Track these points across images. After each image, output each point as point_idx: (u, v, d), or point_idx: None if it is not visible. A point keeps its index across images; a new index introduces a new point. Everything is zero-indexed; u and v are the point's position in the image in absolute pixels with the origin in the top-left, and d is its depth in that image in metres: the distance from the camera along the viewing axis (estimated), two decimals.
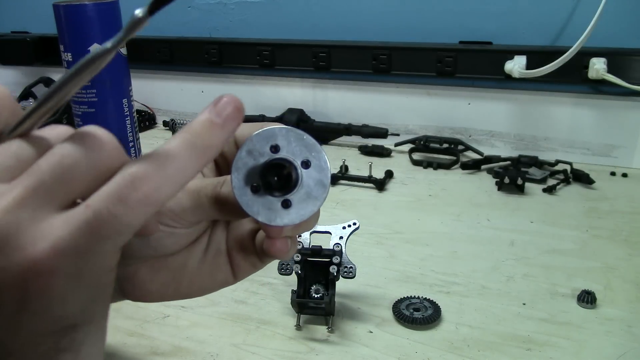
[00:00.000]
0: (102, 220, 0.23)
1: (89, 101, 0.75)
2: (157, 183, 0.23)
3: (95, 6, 0.72)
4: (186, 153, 0.24)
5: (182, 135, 0.25)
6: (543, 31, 0.94)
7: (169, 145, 0.25)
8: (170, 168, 0.24)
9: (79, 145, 0.24)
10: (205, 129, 0.25)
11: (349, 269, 0.54)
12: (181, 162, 0.24)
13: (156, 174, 0.24)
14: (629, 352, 0.50)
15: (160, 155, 0.24)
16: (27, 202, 0.23)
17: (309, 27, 1.09)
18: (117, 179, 0.23)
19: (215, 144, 0.25)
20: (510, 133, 0.99)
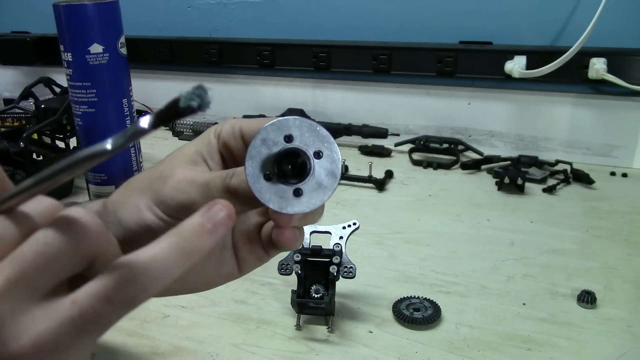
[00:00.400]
0: (87, 318, 0.23)
1: (89, 101, 0.75)
2: (143, 285, 0.24)
3: (95, 6, 0.72)
4: (173, 257, 0.25)
5: (172, 238, 0.25)
6: (543, 31, 0.94)
7: (158, 247, 0.25)
8: (156, 271, 0.24)
9: (64, 232, 0.23)
10: (195, 234, 0.25)
11: (349, 269, 0.54)
12: (168, 265, 0.24)
13: (143, 277, 0.24)
14: (629, 352, 0.50)
15: (148, 257, 0.24)
16: (8, 294, 0.22)
17: (309, 27, 1.09)
18: (105, 279, 0.23)
19: (203, 248, 0.26)
20: (510, 133, 0.99)
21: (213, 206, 0.26)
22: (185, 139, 1.12)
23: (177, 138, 1.13)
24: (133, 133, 0.24)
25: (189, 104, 0.22)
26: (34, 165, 0.83)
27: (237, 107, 1.15)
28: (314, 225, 0.56)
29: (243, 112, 1.13)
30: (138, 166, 0.81)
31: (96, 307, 0.23)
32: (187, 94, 0.22)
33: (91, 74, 0.74)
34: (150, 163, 0.92)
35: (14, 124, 1.06)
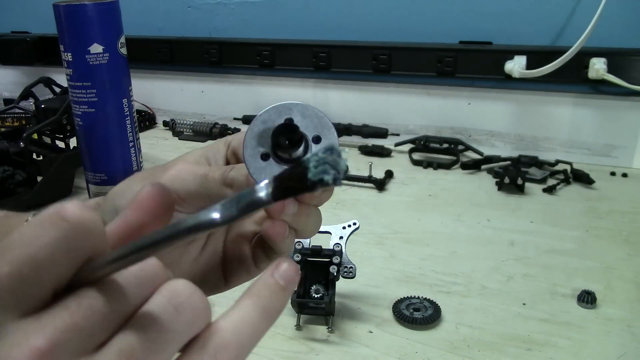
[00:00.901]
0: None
1: (89, 101, 0.75)
2: (236, 350, 0.24)
3: (95, 6, 0.72)
4: (259, 317, 0.25)
5: (251, 300, 0.25)
6: (543, 31, 0.94)
7: (242, 310, 0.25)
8: (246, 334, 0.25)
9: (175, 320, 0.22)
10: (272, 292, 0.26)
11: (349, 269, 0.54)
12: (255, 326, 0.25)
13: (235, 343, 0.24)
14: (629, 352, 0.50)
15: (236, 321, 0.24)
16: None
17: (309, 27, 1.09)
18: (203, 353, 0.23)
19: (281, 306, 0.26)
20: (510, 133, 0.99)
21: (281, 264, 0.26)
22: (185, 138, 1.13)
23: (177, 138, 1.13)
24: (248, 204, 0.21)
25: (322, 177, 0.19)
26: (34, 165, 0.83)
27: (237, 107, 1.15)
28: None
29: (243, 112, 1.13)
30: (138, 166, 0.81)
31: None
32: (316, 161, 0.19)
33: (91, 74, 0.74)
34: (150, 163, 0.92)
35: (14, 124, 1.06)
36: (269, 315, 0.25)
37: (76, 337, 0.20)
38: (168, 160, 0.35)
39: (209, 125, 1.12)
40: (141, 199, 0.24)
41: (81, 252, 0.21)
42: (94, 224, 0.21)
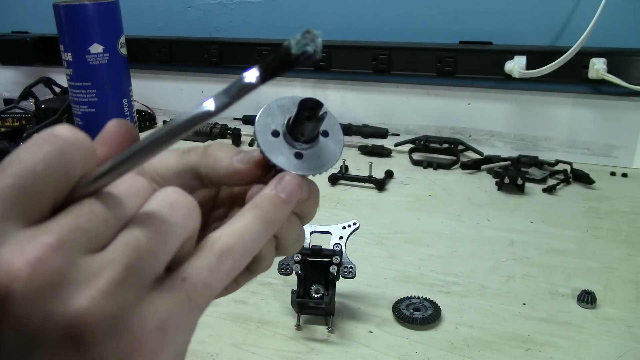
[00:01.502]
0: (198, 292, 0.24)
1: (89, 101, 0.75)
2: (239, 255, 0.26)
3: (95, 6, 0.72)
4: (258, 228, 0.27)
5: (253, 211, 0.27)
6: (543, 31, 0.94)
7: (244, 220, 0.27)
8: (248, 242, 0.26)
9: (171, 216, 0.24)
10: (273, 205, 0.28)
11: (349, 269, 0.54)
12: (255, 236, 0.27)
13: (238, 247, 0.26)
14: (629, 352, 0.50)
15: (238, 229, 0.26)
16: (128, 281, 0.22)
17: (309, 27, 1.09)
18: (207, 253, 0.25)
19: (281, 218, 0.28)
20: (510, 133, 0.99)
21: (283, 178, 0.28)
22: (185, 139, 1.12)
23: None
24: (238, 90, 0.22)
25: (305, 49, 0.20)
26: None
27: (237, 107, 1.14)
28: (314, 226, 0.56)
29: (243, 112, 1.13)
30: None
31: (204, 281, 0.24)
32: (298, 39, 0.20)
33: (91, 74, 0.74)
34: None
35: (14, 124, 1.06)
36: (269, 226, 0.27)
37: (82, 237, 0.21)
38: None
39: (209, 125, 1.12)
40: (106, 133, 0.26)
41: (75, 165, 0.22)
42: (84, 140, 0.23)
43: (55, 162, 0.22)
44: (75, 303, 0.20)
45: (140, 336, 0.22)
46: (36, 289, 0.20)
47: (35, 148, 0.22)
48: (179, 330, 0.23)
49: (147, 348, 0.22)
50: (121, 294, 0.21)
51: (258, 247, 0.27)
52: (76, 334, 0.20)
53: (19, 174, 0.21)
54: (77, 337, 0.20)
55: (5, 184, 0.21)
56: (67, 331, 0.20)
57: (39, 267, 0.20)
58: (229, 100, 0.22)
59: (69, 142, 0.22)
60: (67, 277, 0.21)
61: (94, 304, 0.21)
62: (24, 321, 0.20)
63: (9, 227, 0.21)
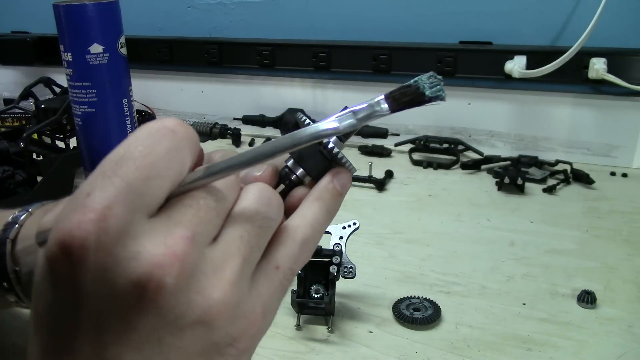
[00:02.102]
0: (287, 278, 0.27)
1: (89, 101, 0.75)
2: (312, 244, 0.29)
3: (95, 6, 0.72)
4: (325, 218, 0.30)
5: (319, 203, 0.30)
6: (543, 31, 0.94)
7: (313, 211, 0.30)
8: (318, 232, 0.30)
9: (269, 213, 0.26)
10: (333, 196, 0.31)
11: (349, 269, 0.54)
12: (323, 225, 0.30)
13: (313, 237, 0.29)
14: (629, 352, 0.50)
15: (311, 220, 0.29)
16: (245, 272, 0.25)
17: (309, 27, 1.09)
18: (291, 243, 0.28)
19: (337, 209, 0.32)
20: (510, 133, 0.99)
21: (339, 172, 0.31)
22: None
23: None
24: (367, 116, 0.25)
25: (439, 94, 0.22)
26: (34, 165, 0.83)
27: (237, 107, 1.15)
28: None
29: (243, 112, 1.13)
30: None
31: (292, 268, 0.27)
32: (430, 82, 0.23)
33: (91, 74, 0.74)
34: None
35: (14, 124, 1.06)
36: (330, 216, 0.30)
37: (206, 229, 0.24)
38: None
39: (209, 125, 1.12)
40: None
41: (188, 160, 0.24)
42: (194, 136, 0.25)
43: (174, 157, 0.23)
44: (210, 294, 0.23)
45: (251, 320, 0.25)
46: (184, 280, 0.22)
47: (154, 141, 0.23)
48: (275, 311, 0.27)
49: (253, 330, 0.25)
50: (241, 284, 0.24)
51: (322, 234, 0.30)
52: (208, 320, 0.23)
53: (144, 167, 0.22)
54: (209, 322, 0.23)
55: (132, 178, 0.22)
56: (201, 317, 0.23)
57: (186, 259, 0.22)
58: (356, 123, 0.26)
59: (183, 138, 0.24)
60: (200, 268, 0.23)
61: (223, 293, 0.23)
62: (169, 310, 0.22)
63: (138, 219, 0.22)
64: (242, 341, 0.25)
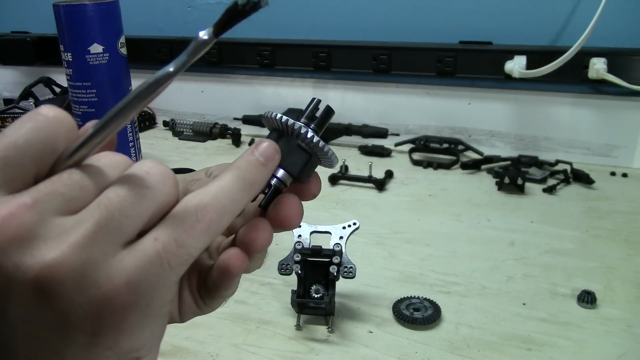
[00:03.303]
0: (171, 252, 0.24)
1: (89, 101, 0.75)
2: (215, 213, 0.25)
3: (95, 6, 0.72)
4: (237, 187, 0.27)
5: (232, 171, 0.27)
6: (543, 31, 0.94)
7: (222, 180, 0.27)
8: (225, 199, 0.26)
9: (145, 180, 0.24)
10: (252, 166, 0.28)
11: (349, 269, 0.54)
12: (234, 194, 0.27)
13: (215, 205, 0.26)
14: (629, 352, 0.50)
15: (216, 188, 0.26)
16: (98, 237, 0.23)
17: (309, 27, 1.09)
18: (180, 211, 0.25)
19: (260, 180, 0.28)
20: (510, 133, 0.99)
21: (261, 143, 0.29)
22: (185, 138, 1.12)
23: (177, 138, 1.13)
24: (194, 48, 0.24)
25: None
26: None
27: (237, 107, 1.15)
28: (314, 226, 0.56)
29: (243, 112, 1.13)
30: None
31: (177, 239, 0.24)
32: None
33: (91, 74, 0.74)
34: None
35: None
36: (247, 186, 0.27)
37: (56, 199, 0.23)
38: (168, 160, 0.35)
39: (209, 125, 1.12)
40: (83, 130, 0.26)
41: (56, 139, 0.24)
42: (64, 117, 0.24)
43: (35, 136, 0.23)
44: (44, 255, 0.22)
45: (109, 291, 0.22)
46: (7, 240, 0.21)
47: (19, 125, 0.23)
48: (151, 288, 0.23)
49: (116, 303, 0.22)
50: (90, 248, 0.22)
51: (237, 208, 0.27)
52: (44, 285, 0.21)
53: (2, 147, 0.23)
54: (46, 288, 0.21)
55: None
56: (35, 283, 0.21)
57: (10, 220, 0.21)
58: (187, 58, 0.24)
59: (49, 119, 0.24)
60: (38, 233, 0.22)
61: (62, 257, 0.22)
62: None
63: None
64: (102, 316, 0.22)
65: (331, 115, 0.32)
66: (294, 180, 0.31)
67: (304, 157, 0.31)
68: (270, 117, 0.31)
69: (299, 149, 0.30)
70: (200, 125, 1.13)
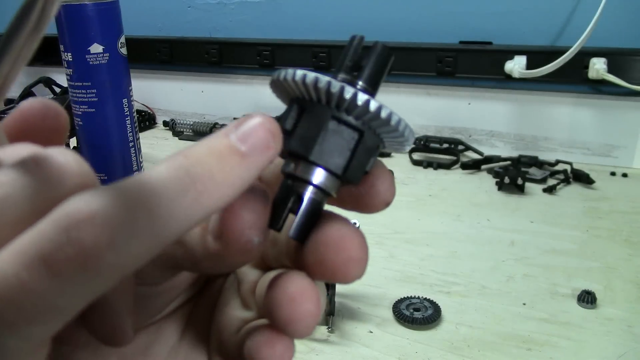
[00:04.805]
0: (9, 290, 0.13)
1: (89, 101, 0.75)
2: (112, 235, 0.13)
3: (95, 6, 0.72)
4: (175, 190, 0.15)
5: (178, 159, 0.15)
6: (543, 31, 0.94)
7: (152, 172, 0.15)
8: (142, 213, 0.14)
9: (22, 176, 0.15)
10: (216, 155, 0.16)
11: None
12: (165, 205, 0.14)
13: (115, 221, 0.13)
14: (629, 352, 0.50)
15: (131, 186, 0.14)
16: None
17: (309, 27, 1.09)
18: (45, 222, 0.14)
19: (230, 182, 0.16)
20: (510, 133, 0.99)
21: (247, 119, 0.17)
22: (185, 138, 1.12)
23: (177, 138, 1.13)
24: None
25: None
26: None
27: (237, 107, 1.15)
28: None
29: (243, 112, 1.13)
30: (138, 166, 0.81)
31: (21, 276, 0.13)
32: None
33: (91, 74, 0.74)
34: (150, 163, 0.92)
35: None
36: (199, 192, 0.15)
37: None
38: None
39: (209, 125, 1.12)
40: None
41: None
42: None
43: None
44: None
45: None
46: None
47: None
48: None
49: None
50: None
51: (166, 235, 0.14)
52: None
53: None
54: None
55: None
56: None
57: None
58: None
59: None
60: None
61: None
62: None
63: None
64: None
65: (389, 60, 0.20)
66: (342, 181, 0.19)
67: (352, 138, 0.19)
68: (286, 80, 0.19)
69: (344, 127, 0.18)
70: (200, 125, 1.13)
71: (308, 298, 0.17)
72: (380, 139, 0.20)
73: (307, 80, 0.18)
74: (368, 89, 0.19)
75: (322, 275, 0.18)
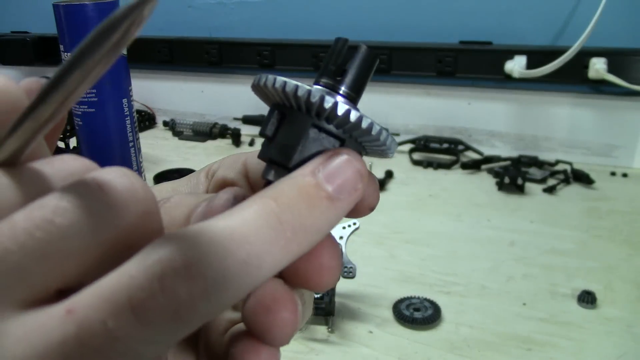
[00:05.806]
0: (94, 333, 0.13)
1: (89, 101, 0.75)
2: (207, 287, 0.13)
3: (95, 6, 0.72)
4: (267, 239, 0.15)
5: (263, 202, 0.15)
6: (543, 31, 0.94)
7: (240, 218, 0.15)
8: (233, 262, 0.14)
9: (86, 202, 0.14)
10: (304, 198, 0.16)
11: (349, 269, 0.54)
12: (256, 254, 0.14)
13: (209, 273, 0.13)
14: (629, 352, 0.50)
15: (221, 234, 0.14)
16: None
17: (309, 27, 1.09)
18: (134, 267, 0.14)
19: (318, 227, 0.16)
20: (510, 133, 0.99)
21: (334, 156, 0.17)
22: (185, 138, 1.12)
23: (177, 138, 1.13)
24: None
25: None
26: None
27: (237, 107, 1.15)
28: None
29: (243, 112, 1.13)
30: (138, 166, 0.81)
31: (109, 325, 0.13)
32: None
33: None
34: (150, 163, 0.92)
35: None
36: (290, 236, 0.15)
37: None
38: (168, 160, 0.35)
39: (209, 125, 1.12)
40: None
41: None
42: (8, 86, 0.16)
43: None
44: None
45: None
46: None
47: None
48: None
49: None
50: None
51: (256, 281, 0.15)
52: None
53: None
54: None
55: None
56: None
57: None
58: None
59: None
60: None
61: None
62: None
63: None
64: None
65: (373, 64, 0.19)
66: None
67: (333, 147, 0.19)
68: (266, 86, 0.19)
69: (324, 135, 0.19)
70: (200, 125, 1.12)
71: (283, 306, 0.18)
72: (362, 147, 0.20)
73: (287, 89, 0.19)
74: (351, 94, 0.19)
75: (296, 283, 0.19)
